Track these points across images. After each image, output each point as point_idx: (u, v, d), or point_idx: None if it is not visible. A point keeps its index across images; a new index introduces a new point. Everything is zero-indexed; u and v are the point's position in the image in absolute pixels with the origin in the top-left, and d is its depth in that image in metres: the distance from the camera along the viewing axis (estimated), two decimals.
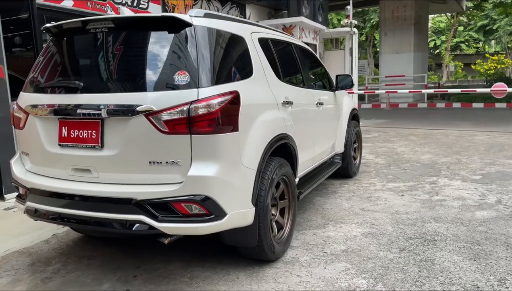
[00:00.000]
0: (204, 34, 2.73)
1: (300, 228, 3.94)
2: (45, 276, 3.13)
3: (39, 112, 2.82)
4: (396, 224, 3.95)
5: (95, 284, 2.99)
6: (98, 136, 2.62)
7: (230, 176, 2.66)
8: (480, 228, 3.77)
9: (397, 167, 6.40)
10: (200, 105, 2.50)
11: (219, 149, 2.58)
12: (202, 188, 2.52)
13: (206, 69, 2.63)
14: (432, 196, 4.80)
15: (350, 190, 5.19)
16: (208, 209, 2.56)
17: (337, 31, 12.19)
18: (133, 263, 3.28)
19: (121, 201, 2.55)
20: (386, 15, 21.57)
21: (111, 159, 2.61)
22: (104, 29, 2.77)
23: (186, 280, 3.00)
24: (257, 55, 3.24)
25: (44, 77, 2.93)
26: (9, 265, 3.35)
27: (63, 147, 2.75)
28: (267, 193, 2.99)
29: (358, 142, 6.03)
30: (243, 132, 2.75)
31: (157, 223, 2.51)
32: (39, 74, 2.97)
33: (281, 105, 3.37)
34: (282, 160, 3.30)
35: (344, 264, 3.16)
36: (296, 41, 4.38)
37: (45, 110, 2.78)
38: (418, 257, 3.22)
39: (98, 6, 6.11)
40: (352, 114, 5.67)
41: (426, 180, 5.55)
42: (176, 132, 2.50)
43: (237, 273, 3.08)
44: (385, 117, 14.18)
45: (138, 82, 2.64)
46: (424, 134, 9.61)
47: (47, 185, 2.79)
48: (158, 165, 2.55)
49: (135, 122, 2.53)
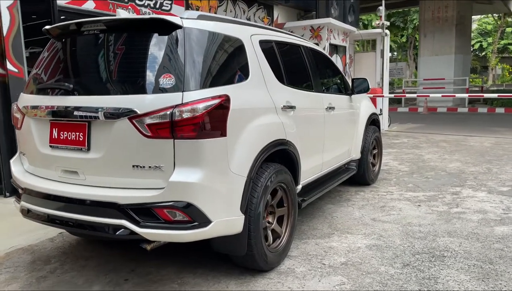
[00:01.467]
0: (194, 36, 2.67)
1: (303, 236, 3.81)
2: (41, 275, 3.17)
3: (33, 113, 2.85)
4: (406, 236, 3.74)
5: (86, 286, 3.00)
6: (85, 139, 2.62)
7: (216, 182, 2.58)
8: (496, 245, 3.50)
9: (420, 175, 6.11)
10: (184, 109, 2.44)
11: (203, 154, 2.50)
12: (184, 194, 2.46)
13: (194, 72, 2.57)
14: (451, 208, 4.52)
15: (365, 198, 4.99)
16: (190, 216, 2.49)
17: (368, 32, 11.85)
18: (127, 266, 3.27)
19: (104, 205, 2.53)
20: (426, 16, 20.85)
21: (97, 162, 2.60)
22: (96, 31, 2.77)
23: (175, 286, 2.95)
24: (255, 58, 3.14)
25: (41, 78, 2.97)
26: (11, 262, 3.42)
27: (54, 148, 2.77)
28: (260, 201, 2.89)
29: (378, 148, 5.80)
30: (232, 137, 2.67)
31: (139, 228, 2.47)
32: (36, 76, 3.01)
33: (280, 109, 3.26)
34: (280, 166, 3.19)
35: (341, 277, 3.01)
36: (307, 44, 4.24)
37: (38, 112, 2.80)
38: (421, 274, 3.02)
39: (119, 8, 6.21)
40: (371, 119, 5.46)
41: (449, 190, 5.25)
42: (159, 137, 2.45)
43: (228, 281, 2.99)
44: (421, 122, 13.68)
45: (124, 85, 2.62)
46: (457, 141, 9.17)
47: (39, 185, 2.81)
48: (142, 169, 2.51)
49: (120, 125, 2.50)
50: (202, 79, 2.59)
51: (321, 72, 4.33)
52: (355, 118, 5.04)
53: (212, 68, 2.72)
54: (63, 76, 2.85)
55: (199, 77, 2.58)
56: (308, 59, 4.05)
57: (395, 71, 25.89)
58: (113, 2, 6.12)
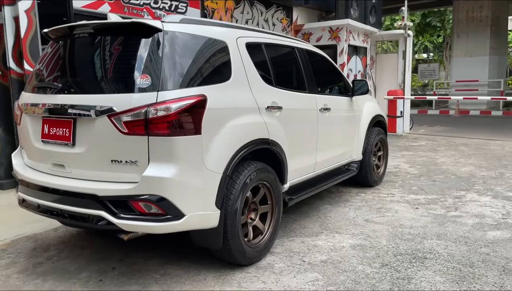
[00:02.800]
0: (174, 39, 2.81)
1: (291, 234, 3.89)
2: (38, 261, 3.41)
3: (29, 110, 3.08)
4: (393, 238, 3.76)
5: (76, 272, 3.20)
6: (71, 135, 2.82)
7: (190, 178, 2.72)
8: (483, 250, 3.47)
9: (428, 178, 6.04)
10: (158, 108, 2.59)
11: (176, 151, 2.64)
12: (157, 188, 2.61)
13: (171, 73, 2.71)
14: (448, 211, 4.48)
15: (364, 199, 5.00)
16: (164, 209, 2.64)
17: (389, 33, 11.69)
18: (118, 256, 3.46)
19: (85, 196, 2.72)
20: (460, 16, 20.28)
21: (81, 156, 2.80)
22: (85, 34, 2.97)
23: (157, 276, 3.10)
24: (240, 59, 3.26)
25: (37, 78, 3.20)
26: (14, 249, 3.68)
27: (45, 143, 2.99)
28: (237, 197, 3.00)
29: (383, 150, 5.78)
30: (208, 135, 2.79)
31: (116, 219, 2.64)
32: (34, 75, 3.24)
33: (264, 110, 3.36)
34: (263, 165, 3.29)
35: (316, 274, 3.08)
36: (303, 45, 4.31)
37: (33, 109, 3.03)
38: (396, 274, 3.05)
39: (135, 11, 6.47)
40: (375, 120, 5.45)
41: (453, 194, 5.18)
42: (135, 133, 2.61)
43: (207, 274, 3.12)
44: (450, 125, 13.31)
45: (106, 84, 2.80)
46: (477, 145, 8.93)
47: (32, 177, 3.04)
48: (119, 164, 2.68)
49: (100, 122, 2.68)
50: (179, 79, 2.74)
51: (317, 74, 4.38)
52: (355, 120, 5.06)
53: (191, 69, 2.86)
54: (55, 76, 3.06)
55: (176, 78, 2.72)
56: (302, 61, 4.12)
57: (427, 73, 25.30)
58: (128, 5, 6.38)
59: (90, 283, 3.03)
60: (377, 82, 11.75)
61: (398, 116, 10.45)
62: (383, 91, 11.14)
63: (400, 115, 10.56)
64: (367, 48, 10.87)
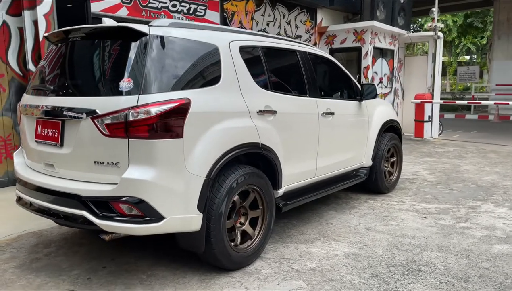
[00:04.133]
0: (160, 43, 2.84)
1: (287, 240, 3.84)
2: (36, 257, 3.53)
3: (25, 111, 3.20)
4: (391, 248, 3.63)
5: (68, 270, 3.29)
6: (59, 136, 2.90)
7: (170, 181, 2.73)
8: (483, 264, 3.29)
9: (445, 186, 5.80)
10: (138, 111, 2.62)
11: (156, 154, 2.66)
12: (136, 190, 2.64)
13: (155, 76, 2.74)
14: (458, 222, 4.28)
15: (372, 206, 4.87)
16: (143, 211, 2.66)
17: (418, 35, 11.31)
18: (110, 255, 3.53)
19: (70, 196, 2.79)
20: (501, 17, 19.39)
21: (67, 157, 2.87)
22: (78, 38, 3.06)
23: (143, 277, 3.14)
24: (231, 63, 3.24)
25: (35, 80, 3.32)
26: (18, 244, 3.83)
27: (38, 143, 3.10)
28: (222, 201, 2.99)
29: (397, 156, 5.60)
30: (190, 138, 2.80)
31: (97, 219, 2.69)
32: (34, 77, 3.36)
33: (256, 114, 3.33)
34: (253, 169, 3.27)
35: (301, 282, 3.02)
36: (307, 49, 4.24)
37: (29, 110, 3.15)
38: (384, 286, 2.94)
39: (152, 15, 6.59)
40: (387, 126, 5.29)
41: (468, 204, 4.95)
42: (116, 136, 2.66)
43: (192, 277, 3.13)
44: (488, 130, 12.69)
45: (92, 87, 2.87)
46: (508, 153, 8.50)
47: (27, 176, 3.15)
48: (101, 165, 2.73)
49: (84, 124, 2.74)
50: (162, 83, 2.76)
51: (322, 78, 4.31)
52: (364, 125, 4.93)
53: (177, 73, 2.87)
54: (50, 79, 3.16)
55: (159, 82, 2.75)
56: (304, 64, 4.05)
57: (466, 76, 24.34)
58: (146, 8, 6.51)
59: (79, 281, 3.10)
60: (405, 86, 11.41)
61: (426, 121, 10.11)
62: (411, 95, 10.82)
63: (428, 120, 10.21)
64: (395, 51, 10.58)
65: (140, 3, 6.41)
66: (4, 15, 5.40)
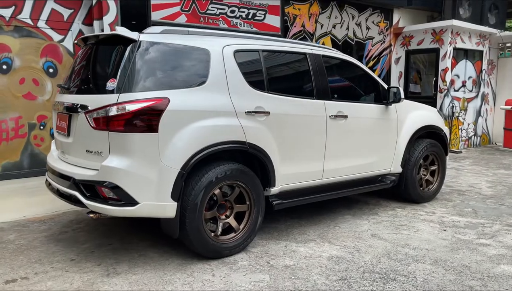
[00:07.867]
0: (148, 48, 3.20)
1: (284, 237, 3.93)
2: (64, 230, 4.15)
3: (53, 107, 3.82)
4: (382, 255, 3.52)
5: (82, 242, 3.82)
6: (66, 127, 3.43)
7: (144, 170, 3.06)
8: (470, 282, 3.04)
9: (497, 201, 5.27)
10: (118, 107, 3.01)
11: (131, 145, 3.02)
12: (112, 176, 3.03)
13: (138, 77, 3.11)
14: (479, 238, 3.93)
15: (394, 214, 4.67)
16: (118, 196, 3.05)
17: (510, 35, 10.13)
18: (121, 234, 3.99)
19: (69, 179, 3.29)
20: None
21: (71, 145, 3.39)
22: (90, 44, 3.56)
23: (135, 256, 3.53)
24: (222, 66, 3.47)
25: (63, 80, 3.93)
26: (59, 219, 4.52)
27: (57, 133, 3.68)
28: (199, 193, 3.24)
29: (438, 164, 5.25)
30: (167, 134, 3.10)
31: (85, 200, 3.15)
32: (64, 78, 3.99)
33: (243, 114, 3.50)
34: (238, 166, 3.46)
35: (266, 276, 3.14)
36: (321, 51, 4.24)
37: (55, 106, 3.75)
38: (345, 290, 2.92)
39: (210, 21, 7.05)
40: (423, 131, 5.00)
41: (507, 221, 4.48)
42: (100, 128, 3.08)
43: (174, 260, 3.43)
44: None
45: (90, 86, 3.35)
46: None
47: (49, 162, 3.75)
48: (91, 153, 3.18)
49: (81, 117, 3.22)
50: (144, 83, 3.11)
51: (337, 80, 4.28)
52: (391, 129, 4.74)
53: (160, 74, 3.20)
54: (69, 78, 3.73)
55: (141, 82, 3.11)
56: (313, 67, 4.08)
57: None
58: (204, 15, 6.99)
59: (84, 252, 3.60)
60: (498, 90, 10.34)
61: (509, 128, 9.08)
62: (505, 100, 9.79)
63: None
64: (484, 52, 9.67)
65: (198, 10, 6.91)
66: (81, 25, 6.31)
